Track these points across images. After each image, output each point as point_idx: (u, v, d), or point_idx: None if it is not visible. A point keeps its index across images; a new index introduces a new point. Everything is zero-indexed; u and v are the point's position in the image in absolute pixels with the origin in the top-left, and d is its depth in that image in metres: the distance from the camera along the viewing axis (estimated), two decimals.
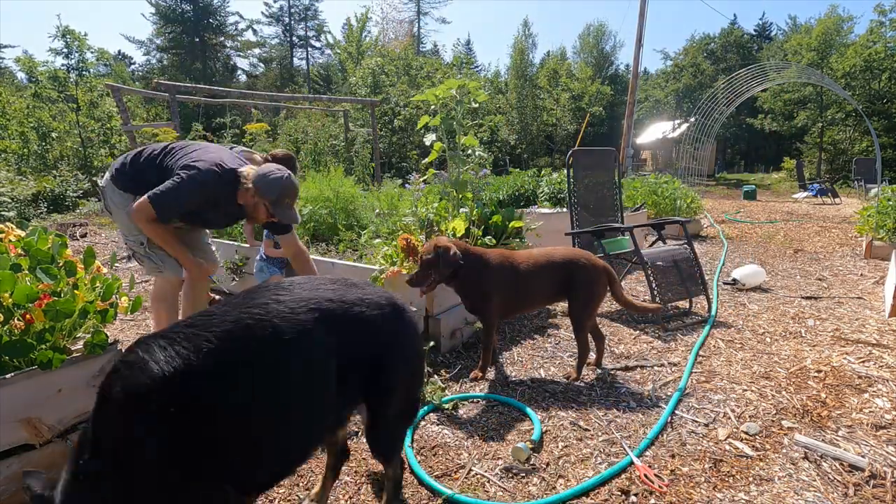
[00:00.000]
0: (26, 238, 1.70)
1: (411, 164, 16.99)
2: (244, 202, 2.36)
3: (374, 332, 1.34)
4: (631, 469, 1.83)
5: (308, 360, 1.21)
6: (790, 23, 35.79)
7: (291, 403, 1.19)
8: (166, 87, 7.52)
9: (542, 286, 2.56)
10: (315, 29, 40.65)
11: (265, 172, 2.30)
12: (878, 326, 3.28)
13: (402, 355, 1.43)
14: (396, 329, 1.41)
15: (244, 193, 2.32)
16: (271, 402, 1.15)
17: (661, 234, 4.06)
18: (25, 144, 11.88)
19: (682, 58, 32.77)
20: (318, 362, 1.22)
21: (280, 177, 2.29)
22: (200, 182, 2.22)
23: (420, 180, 3.66)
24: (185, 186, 2.20)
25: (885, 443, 1.97)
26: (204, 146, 2.43)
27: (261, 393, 1.13)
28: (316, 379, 1.22)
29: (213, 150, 2.41)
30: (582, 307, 2.56)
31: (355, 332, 1.30)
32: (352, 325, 1.29)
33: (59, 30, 12.71)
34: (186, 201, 2.24)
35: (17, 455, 1.51)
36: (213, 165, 2.27)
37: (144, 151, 2.44)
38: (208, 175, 2.24)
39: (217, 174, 2.26)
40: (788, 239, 7.12)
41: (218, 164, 2.29)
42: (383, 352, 1.37)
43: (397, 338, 1.42)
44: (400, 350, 1.42)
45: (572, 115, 29.70)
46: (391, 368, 1.38)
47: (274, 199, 2.28)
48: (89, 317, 1.66)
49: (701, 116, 15.08)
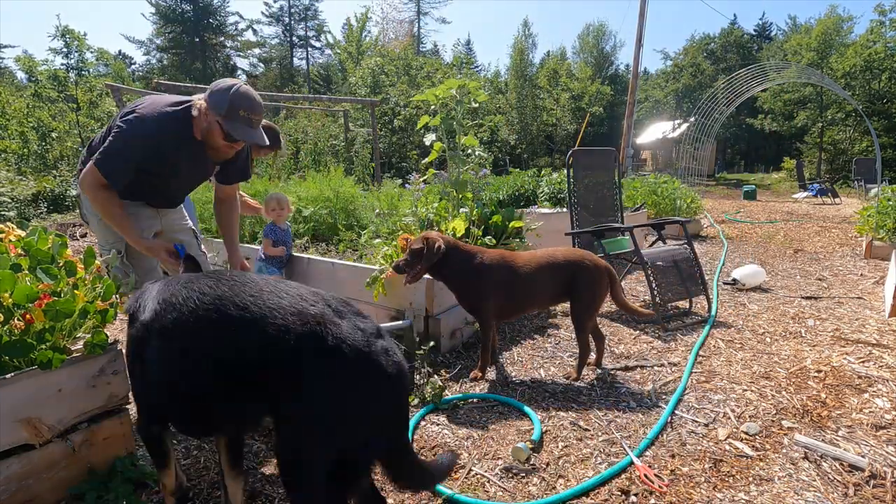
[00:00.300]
0: (26, 238, 1.70)
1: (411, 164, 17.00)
2: (200, 132, 1.98)
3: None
4: (631, 469, 1.83)
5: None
6: (790, 23, 35.84)
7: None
8: (166, 87, 7.52)
9: (544, 287, 2.56)
10: (315, 29, 40.68)
11: (217, 84, 1.94)
12: (878, 326, 3.28)
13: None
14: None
15: (199, 119, 1.94)
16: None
17: (661, 234, 4.06)
18: (25, 144, 11.88)
19: (681, 58, 32.80)
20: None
21: (236, 85, 1.91)
22: (145, 124, 1.87)
23: (420, 180, 3.66)
24: (128, 133, 1.86)
25: (885, 443, 1.97)
26: (148, 98, 2.07)
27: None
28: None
29: (155, 96, 2.07)
30: (584, 308, 2.56)
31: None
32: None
33: (58, 29, 12.73)
34: (134, 151, 1.89)
35: (17, 455, 1.50)
36: (157, 104, 1.94)
37: (97, 136, 2.12)
38: (154, 115, 1.90)
39: (163, 112, 1.91)
40: (788, 239, 7.12)
41: (164, 105, 1.95)
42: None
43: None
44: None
45: (572, 115, 29.72)
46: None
47: (224, 111, 1.87)
48: (89, 317, 1.66)
49: (701, 116, 15.07)
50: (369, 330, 1.26)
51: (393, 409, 1.30)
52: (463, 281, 2.50)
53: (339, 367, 1.18)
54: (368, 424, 1.23)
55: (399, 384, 1.28)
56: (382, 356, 1.23)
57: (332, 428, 1.18)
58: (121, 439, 1.75)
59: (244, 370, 1.21)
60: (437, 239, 2.43)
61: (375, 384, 1.23)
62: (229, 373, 1.22)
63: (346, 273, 3.23)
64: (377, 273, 2.92)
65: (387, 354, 1.25)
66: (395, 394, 1.29)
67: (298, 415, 1.18)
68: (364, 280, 2.96)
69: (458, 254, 2.48)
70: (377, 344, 1.24)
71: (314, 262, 3.49)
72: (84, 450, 1.65)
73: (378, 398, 1.24)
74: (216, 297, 1.26)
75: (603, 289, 2.58)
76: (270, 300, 1.23)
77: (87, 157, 2.04)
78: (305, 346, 1.17)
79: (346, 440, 1.20)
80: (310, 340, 1.17)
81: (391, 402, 1.29)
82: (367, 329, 1.26)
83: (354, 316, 1.28)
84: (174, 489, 1.57)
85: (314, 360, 1.17)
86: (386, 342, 1.28)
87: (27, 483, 1.52)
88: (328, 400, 1.16)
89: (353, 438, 1.21)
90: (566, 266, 2.55)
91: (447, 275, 2.51)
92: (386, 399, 1.27)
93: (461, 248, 2.51)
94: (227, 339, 1.22)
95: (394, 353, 1.28)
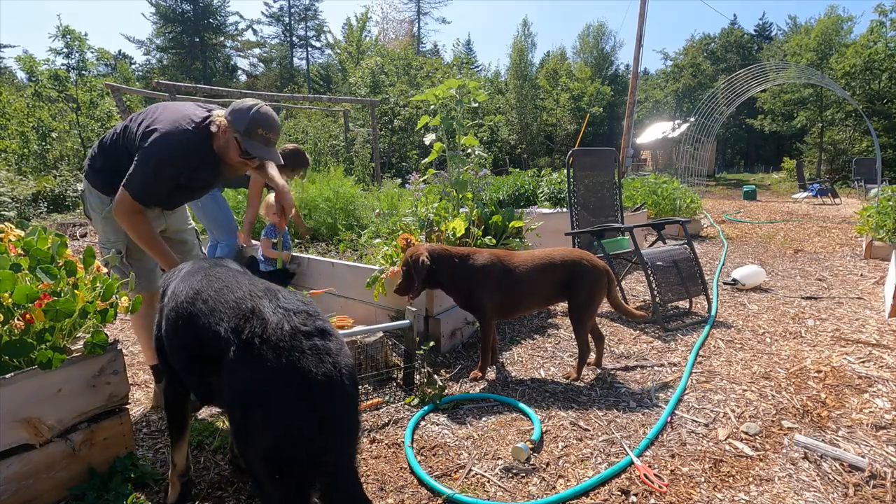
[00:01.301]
0: (26, 238, 1.70)
1: (411, 164, 17.01)
2: (217, 147, 2.01)
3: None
4: (631, 469, 1.83)
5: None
6: (790, 23, 35.85)
7: None
8: (166, 87, 7.52)
9: (542, 287, 2.57)
10: (315, 29, 40.72)
11: (238, 104, 1.98)
12: (878, 326, 3.28)
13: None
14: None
15: (217, 135, 1.99)
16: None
17: (661, 234, 4.06)
18: (25, 144, 11.89)
19: (682, 58, 32.81)
20: None
21: (256, 105, 1.96)
22: (172, 146, 1.90)
23: (420, 180, 3.66)
24: (156, 155, 1.88)
25: (885, 443, 1.97)
26: (163, 106, 2.08)
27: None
28: None
29: (174, 106, 2.07)
30: (583, 308, 2.56)
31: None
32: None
33: (59, 29, 12.73)
34: (163, 173, 1.93)
35: (17, 455, 1.50)
36: (178, 120, 1.95)
37: (108, 135, 2.12)
38: (178, 133, 1.92)
39: (187, 131, 1.94)
40: (788, 239, 7.12)
41: (185, 121, 1.96)
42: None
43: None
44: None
45: (572, 116, 29.73)
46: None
47: (243, 129, 1.93)
48: (89, 317, 1.66)
49: (701, 116, 15.08)
50: (302, 328, 1.13)
51: (319, 423, 1.08)
52: (456, 285, 2.52)
53: (249, 364, 1.10)
54: (284, 435, 1.06)
55: (327, 394, 1.09)
56: (308, 358, 1.08)
57: (245, 430, 1.12)
58: (121, 439, 1.75)
59: (207, 357, 1.25)
60: (420, 253, 2.45)
61: (291, 389, 1.07)
62: (201, 357, 1.29)
63: (346, 273, 3.23)
64: (377, 273, 2.92)
65: (318, 357, 1.09)
66: (323, 405, 1.09)
67: (226, 408, 1.25)
68: (364, 280, 2.96)
69: (448, 260, 2.49)
70: (304, 343, 1.10)
71: (314, 263, 3.49)
72: (84, 450, 1.65)
73: (294, 406, 1.07)
74: (196, 290, 1.36)
75: (601, 289, 2.58)
76: (225, 294, 1.28)
77: (101, 158, 2.09)
78: (228, 340, 1.17)
79: (264, 446, 1.08)
80: (232, 334, 1.16)
81: (315, 413, 1.08)
82: (299, 327, 1.13)
83: (298, 315, 1.17)
84: (183, 470, 1.59)
85: (228, 355, 1.15)
86: (325, 343, 1.13)
87: (27, 483, 1.52)
88: (237, 398, 1.11)
89: (271, 447, 1.07)
90: (564, 266, 2.55)
91: (442, 281, 2.53)
92: (306, 409, 1.07)
93: (451, 252, 2.52)
94: (199, 327, 1.28)
95: (331, 358, 1.11)
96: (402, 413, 2.25)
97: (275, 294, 1.25)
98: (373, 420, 2.20)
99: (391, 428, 2.13)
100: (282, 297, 1.24)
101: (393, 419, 2.20)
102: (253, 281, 1.37)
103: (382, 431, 2.11)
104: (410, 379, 2.47)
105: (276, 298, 1.23)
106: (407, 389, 2.45)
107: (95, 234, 7.29)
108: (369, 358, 2.54)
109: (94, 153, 2.13)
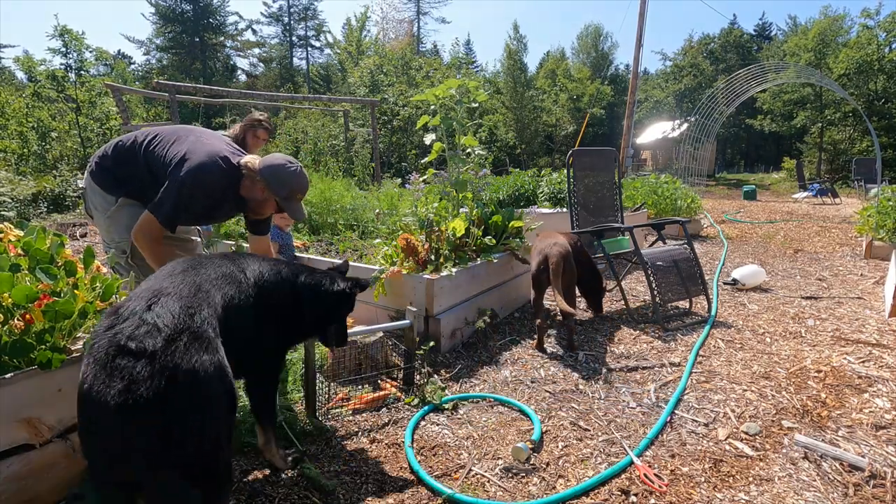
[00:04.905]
0: (26, 238, 1.70)
1: (411, 164, 17.00)
2: (250, 196, 2.14)
3: None
4: (631, 469, 1.83)
5: None
6: (790, 23, 35.87)
7: None
8: (166, 87, 7.52)
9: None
10: (315, 29, 40.72)
11: (275, 165, 2.07)
12: (878, 326, 3.28)
13: None
14: None
15: (251, 187, 2.10)
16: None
17: (661, 234, 4.06)
18: (25, 144, 11.89)
19: (681, 58, 32.82)
20: None
21: (293, 171, 2.08)
22: (206, 183, 1.99)
23: (420, 180, 3.66)
24: (189, 186, 1.96)
25: (885, 443, 1.97)
26: (195, 134, 2.16)
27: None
28: None
29: (206, 137, 2.14)
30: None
31: None
32: None
33: (56, 29, 12.73)
34: (194, 202, 2.02)
35: (17, 455, 1.50)
36: (215, 159, 2.03)
37: (127, 139, 2.17)
38: (212, 171, 2.00)
39: (221, 168, 2.03)
40: (788, 239, 7.12)
41: (220, 157, 2.05)
42: None
43: None
44: None
45: (571, 116, 29.73)
46: None
47: (286, 194, 2.08)
48: (89, 317, 1.66)
49: (701, 116, 15.09)
50: (122, 332, 1.06)
51: (121, 448, 0.99)
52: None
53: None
54: (95, 457, 1.02)
55: (117, 420, 0.95)
56: (98, 372, 0.98)
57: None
58: None
59: None
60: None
61: (87, 404, 1.00)
62: None
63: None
64: (377, 273, 2.91)
65: (107, 373, 0.96)
66: (117, 428, 0.96)
67: None
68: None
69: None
70: (102, 351, 1.01)
71: (314, 263, 3.48)
72: None
73: (94, 422, 1.01)
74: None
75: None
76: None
77: (112, 161, 2.13)
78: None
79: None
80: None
81: (107, 435, 0.98)
82: (118, 330, 1.06)
83: (179, 312, 1.16)
84: None
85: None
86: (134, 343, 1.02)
87: (27, 483, 1.52)
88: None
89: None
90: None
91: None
92: (102, 429, 0.99)
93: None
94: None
95: (131, 375, 0.96)
96: (402, 413, 2.25)
97: (200, 290, 1.36)
98: (373, 420, 2.20)
99: (391, 428, 2.13)
100: (208, 291, 1.37)
101: (393, 419, 2.20)
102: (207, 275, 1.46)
103: (382, 431, 2.11)
104: (410, 379, 2.47)
105: (178, 289, 1.32)
106: (407, 389, 2.45)
107: (96, 234, 7.29)
108: (369, 358, 2.54)
109: (106, 152, 2.16)
